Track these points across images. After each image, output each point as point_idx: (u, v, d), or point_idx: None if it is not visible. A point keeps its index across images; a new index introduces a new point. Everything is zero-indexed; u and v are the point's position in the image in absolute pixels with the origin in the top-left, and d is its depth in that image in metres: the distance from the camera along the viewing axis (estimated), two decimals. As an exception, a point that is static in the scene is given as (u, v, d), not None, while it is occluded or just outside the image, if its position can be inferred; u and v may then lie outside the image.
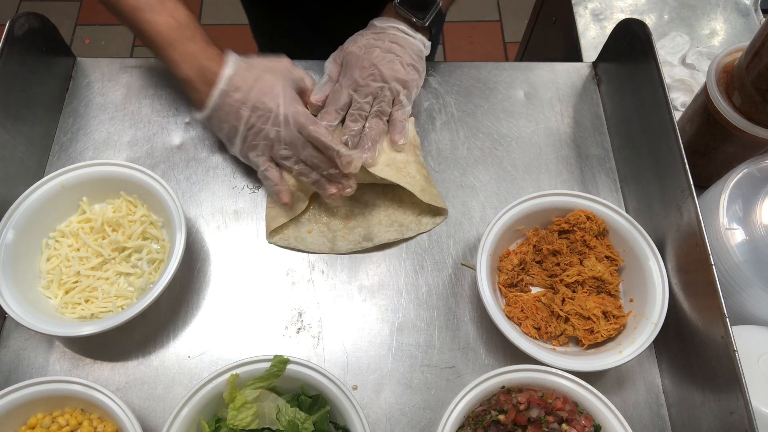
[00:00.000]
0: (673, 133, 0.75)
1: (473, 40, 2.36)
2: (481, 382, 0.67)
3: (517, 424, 0.66)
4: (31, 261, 0.77)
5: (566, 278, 0.78)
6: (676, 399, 0.73)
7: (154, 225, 0.80)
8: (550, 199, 0.80)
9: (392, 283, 0.81)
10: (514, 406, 0.66)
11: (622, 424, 0.65)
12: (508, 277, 0.79)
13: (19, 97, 0.83)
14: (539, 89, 0.97)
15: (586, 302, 0.76)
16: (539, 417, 0.66)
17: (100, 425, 0.67)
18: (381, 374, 0.75)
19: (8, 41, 0.81)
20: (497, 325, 0.71)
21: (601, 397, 0.67)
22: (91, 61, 0.96)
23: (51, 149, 0.89)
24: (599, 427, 0.66)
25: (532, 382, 0.68)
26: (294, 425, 0.64)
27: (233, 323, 0.78)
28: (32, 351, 0.76)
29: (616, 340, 0.75)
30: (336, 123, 0.81)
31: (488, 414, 0.66)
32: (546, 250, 0.80)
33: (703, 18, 1.10)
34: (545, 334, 0.76)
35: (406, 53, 0.82)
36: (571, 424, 0.65)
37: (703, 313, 0.68)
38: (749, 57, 0.73)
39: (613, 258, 0.79)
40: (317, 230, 0.84)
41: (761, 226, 0.73)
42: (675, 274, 0.74)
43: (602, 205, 0.79)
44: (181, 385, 0.74)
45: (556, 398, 0.67)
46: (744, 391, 0.60)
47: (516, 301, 0.78)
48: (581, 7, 1.12)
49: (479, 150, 0.91)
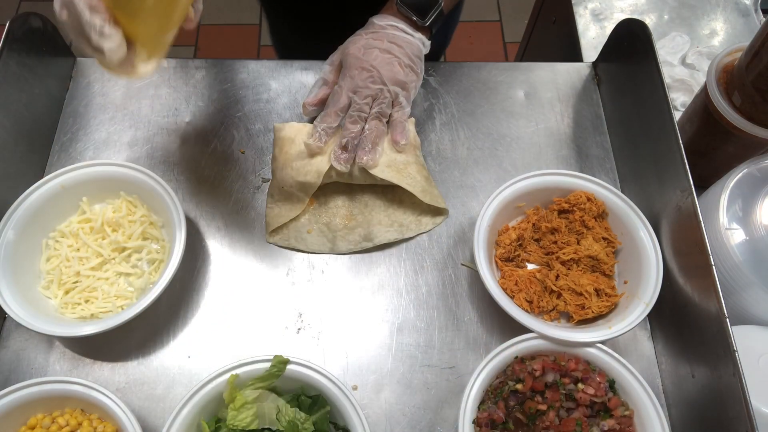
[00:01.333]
0: (673, 133, 0.75)
1: (473, 40, 2.36)
2: (495, 355, 0.69)
3: (535, 391, 0.69)
4: (31, 261, 0.77)
5: (562, 255, 0.79)
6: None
7: (154, 225, 0.80)
8: (552, 179, 0.81)
9: (392, 283, 0.81)
10: (530, 374, 0.69)
11: (635, 376, 0.69)
12: (505, 251, 0.80)
13: (19, 97, 0.83)
14: (539, 89, 0.97)
15: (579, 279, 0.77)
16: (555, 381, 0.69)
17: (100, 425, 0.67)
18: (381, 374, 0.75)
19: (8, 41, 0.81)
20: (491, 294, 0.72)
21: (612, 353, 0.70)
22: (91, 61, 0.96)
23: (51, 149, 0.89)
24: (613, 381, 0.70)
25: (544, 349, 0.71)
26: (294, 425, 0.64)
27: (233, 323, 0.78)
28: (32, 351, 0.76)
29: (607, 317, 0.76)
30: (336, 125, 0.81)
31: (506, 385, 0.69)
32: (545, 227, 0.81)
33: (703, 18, 1.10)
34: (537, 308, 0.77)
35: (405, 54, 0.82)
36: (587, 382, 0.68)
37: (701, 309, 0.68)
38: (749, 57, 0.73)
39: (610, 240, 0.80)
40: (317, 230, 0.84)
41: (761, 226, 0.73)
42: (676, 275, 0.74)
43: (603, 188, 0.80)
44: (181, 385, 0.74)
45: (569, 360, 0.70)
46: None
47: (511, 274, 0.79)
48: (581, 7, 1.12)
49: (479, 150, 0.91)
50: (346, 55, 0.83)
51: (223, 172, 0.88)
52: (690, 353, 0.71)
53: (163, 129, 0.91)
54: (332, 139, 0.81)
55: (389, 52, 0.81)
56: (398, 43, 0.82)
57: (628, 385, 0.69)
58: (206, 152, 0.89)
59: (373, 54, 0.81)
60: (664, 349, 0.76)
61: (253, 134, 0.91)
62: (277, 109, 0.94)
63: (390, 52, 0.81)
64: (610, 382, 0.70)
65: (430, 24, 0.85)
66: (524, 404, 0.68)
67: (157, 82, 0.95)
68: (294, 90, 0.95)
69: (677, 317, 0.73)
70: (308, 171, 0.80)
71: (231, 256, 0.82)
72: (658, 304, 0.72)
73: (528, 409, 0.68)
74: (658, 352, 0.77)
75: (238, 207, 0.85)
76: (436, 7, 0.84)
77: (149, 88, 0.94)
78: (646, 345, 0.78)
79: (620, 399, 0.69)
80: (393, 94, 0.81)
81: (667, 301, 0.74)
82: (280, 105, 0.94)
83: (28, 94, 0.85)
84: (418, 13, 0.84)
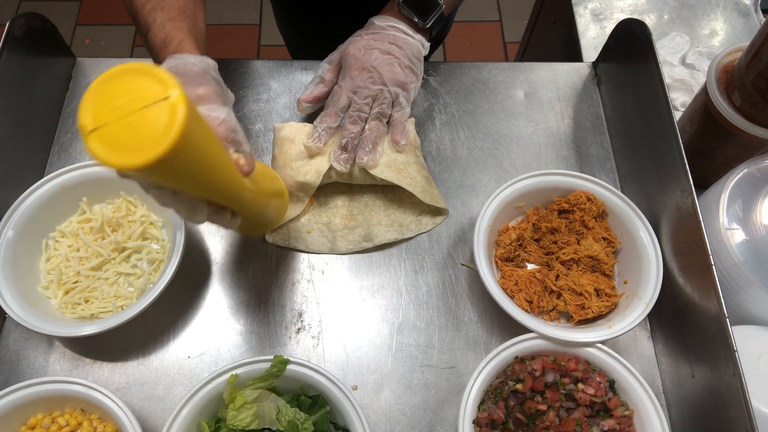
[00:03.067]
0: (673, 133, 0.75)
1: (473, 40, 2.36)
2: (495, 355, 0.69)
3: (535, 391, 0.69)
4: (31, 261, 0.77)
5: (562, 256, 0.79)
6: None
7: (154, 225, 0.80)
8: (552, 179, 0.81)
9: (392, 283, 0.81)
10: (530, 374, 0.69)
11: (635, 376, 0.69)
12: (505, 251, 0.80)
13: (19, 97, 0.83)
14: (539, 89, 0.97)
15: (579, 279, 0.77)
16: (555, 381, 0.69)
17: (100, 425, 0.67)
18: (381, 374, 0.75)
19: (8, 41, 0.81)
20: (491, 294, 0.72)
21: (612, 353, 0.70)
22: (91, 61, 0.96)
23: (51, 149, 0.89)
24: (613, 381, 0.70)
25: (544, 349, 0.71)
26: (294, 425, 0.64)
27: (233, 323, 0.78)
28: (32, 351, 0.76)
29: (607, 317, 0.76)
30: (336, 125, 0.81)
31: (506, 385, 0.69)
32: (545, 228, 0.81)
33: (703, 18, 1.10)
34: (537, 308, 0.77)
35: (405, 55, 0.82)
36: (587, 382, 0.69)
37: (701, 309, 0.68)
38: (749, 57, 0.73)
39: (610, 240, 0.80)
40: (317, 230, 0.84)
41: (761, 226, 0.73)
42: (676, 275, 0.74)
43: (603, 188, 0.80)
44: (181, 385, 0.74)
45: (569, 360, 0.70)
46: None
47: (511, 274, 0.79)
48: (581, 7, 1.12)
49: (479, 150, 0.91)
50: (346, 55, 0.83)
51: (223, 172, 0.88)
52: (690, 353, 0.71)
53: (163, 129, 0.91)
54: (332, 139, 0.81)
55: (389, 53, 0.81)
56: (398, 44, 0.82)
57: (628, 385, 0.69)
58: (206, 152, 0.89)
59: (374, 55, 0.81)
60: (664, 349, 0.76)
61: (253, 134, 0.91)
62: (277, 109, 0.94)
63: (390, 53, 0.82)
64: (610, 382, 0.70)
65: (431, 25, 0.85)
66: (524, 404, 0.68)
67: (157, 82, 0.95)
68: (294, 90, 0.95)
69: (677, 317, 0.73)
70: (308, 171, 0.80)
71: (231, 256, 0.82)
72: (658, 304, 0.72)
73: (528, 409, 0.68)
74: (658, 352, 0.77)
75: (238, 207, 0.86)
76: (437, 8, 0.84)
77: (149, 88, 0.94)
78: (646, 345, 0.78)
79: (620, 399, 0.69)
80: (393, 94, 0.81)
81: (667, 301, 0.74)
82: (280, 105, 0.94)
83: (28, 94, 0.85)
84: (419, 15, 0.84)
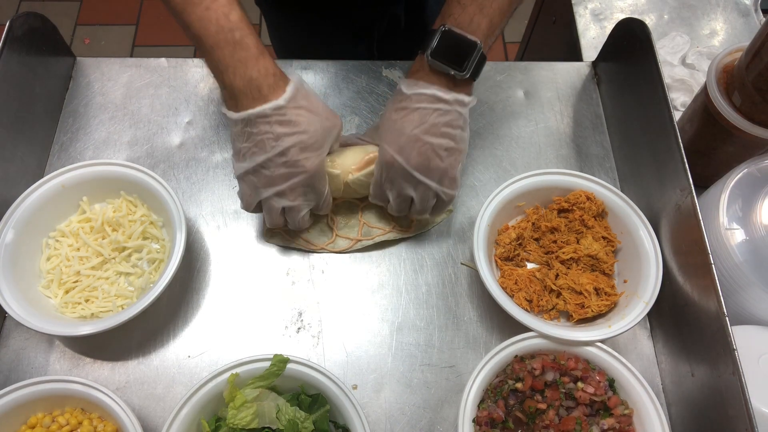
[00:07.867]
0: (673, 133, 0.75)
1: (473, 40, 2.36)
2: (494, 354, 0.69)
3: (535, 390, 0.69)
4: (31, 261, 0.77)
5: (562, 255, 0.79)
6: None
7: (154, 225, 0.80)
8: (552, 178, 0.81)
9: (392, 283, 0.81)
10: (530, 373, 0.69)
11: (634, 375, 0.69)
12: (505, 250, 0.80)
13: (19, 97, 0.83)
14: (539, 89, 0.97)
15: (579, 278, 0.77)
16: (555, 380, 0.69)
17: (100, 425, 0.67)
18: (381, 373, 0.75)
19: (8, 41, 0.81)
20: (491, 293, 0.72)
21: (612, 352, 0.70)
22: (91, 61, 0.97)
23: (51, 149, 0.89)
24: (613, 380, 0.70)
25: (544, 348, 0.71)
26: (294, 424, 0.64)
27: (233, 323, 0.78)
28: (32, 351, 0.76)
29: (606, 316, 0.76)
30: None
31: (506, 384, 0.69)
32: (544, 227, 0.81)
33: (703, 18, 1.10)
34: (537, 307, 0.77)
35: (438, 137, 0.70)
36: (586, 381, 0.69)
37: (700, 308, 0.68)
38: (749, 57, 0.73)
39: (609, 239, 0.80)
40: (317, 229, 0.84)
41: (761, 226, 0.73)
42: (675, 274, 0.74)
43: (603, 187, 0.80)
44: (181, 385, 0.74)
45: (569, 359, 0.70)
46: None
47: (510, 274, 0.79)
48: (581, 7, 1.12)
49: (479, 150, 0.91)
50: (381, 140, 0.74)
51: (223, 172, 0.88)
52: (690, 352, 0.71)
53: (163, 129, 0.91)
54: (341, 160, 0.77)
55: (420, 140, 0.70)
56: (430, 121, 0.70)
57: (627, 384, 0.69)
58: (206, 152, 0.89)
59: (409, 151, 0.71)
60: (664, 348, 0.76)
61: (253, 134, 0.91)
62: (277, 108, 0.94)
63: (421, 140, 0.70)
64: (610, 380, 0.70)
65: (471, 74, 0.69)
66: (524, 403, 0.68)
67: (157, 81, 0.95)
68: (294, 90, 0.95)
69: (677, 316, 0.73)
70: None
71: (231, 256, 0.82)
72: (657, 303, 0.72)
73: (528, 408, 0.68)
74: (658, 351, 0.77)
75: (238, 207, 0.85)
76: (474, 50, 0.68)
77: (149, 87, 0.94)
78: (645, 344, 0.78)
79: (620, 398, 0.69)
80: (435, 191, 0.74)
81: (667, 300, 0.74)
82: (280, 105, 0.94)
83: (28, 94, 0.85)
84: (454, 64, 0.68)
